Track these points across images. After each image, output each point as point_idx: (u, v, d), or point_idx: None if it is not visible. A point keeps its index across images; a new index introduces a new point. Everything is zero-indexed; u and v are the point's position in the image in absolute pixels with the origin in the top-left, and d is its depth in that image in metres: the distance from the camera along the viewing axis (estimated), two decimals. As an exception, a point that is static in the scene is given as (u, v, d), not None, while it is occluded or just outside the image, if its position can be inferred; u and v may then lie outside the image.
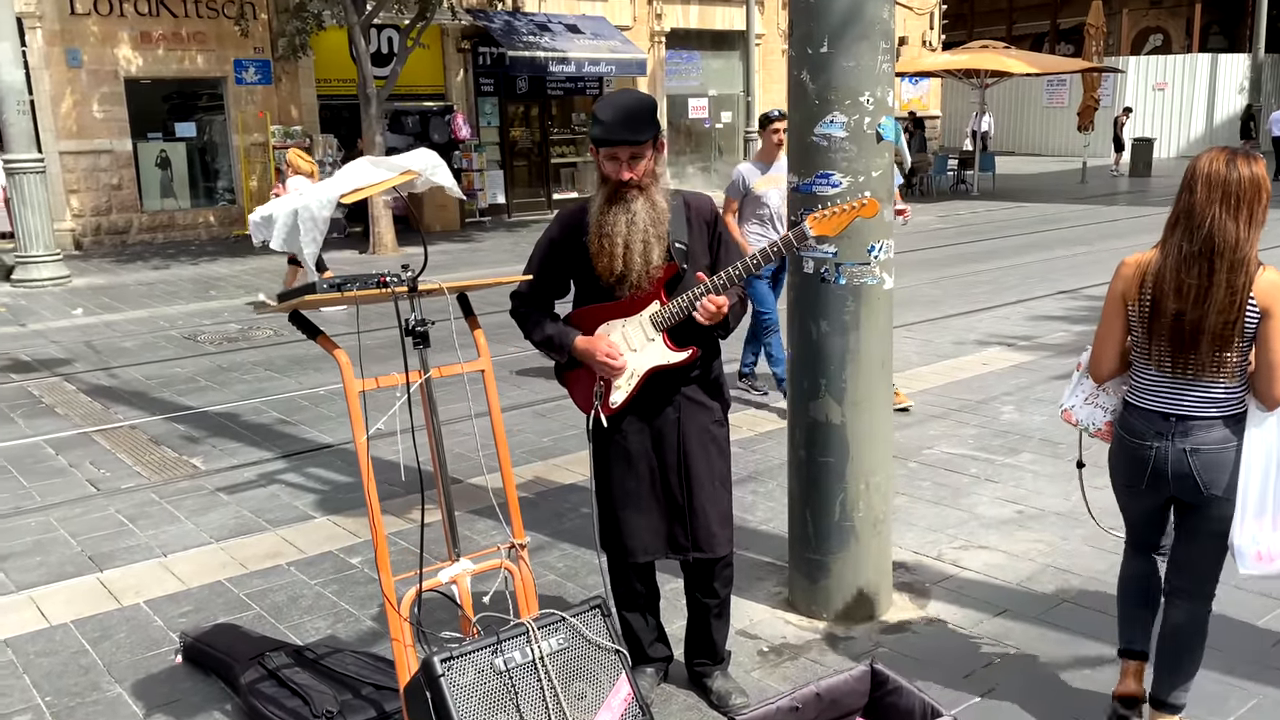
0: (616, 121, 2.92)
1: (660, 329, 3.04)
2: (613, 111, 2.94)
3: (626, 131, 2.92)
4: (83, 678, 3.68)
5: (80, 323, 10.80)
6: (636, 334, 3.06)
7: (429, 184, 2.69)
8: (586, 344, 3.07)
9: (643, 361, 3.06)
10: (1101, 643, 3.69)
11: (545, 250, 3.18)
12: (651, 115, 2.99)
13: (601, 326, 3.09)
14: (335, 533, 4.98)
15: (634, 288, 3.02)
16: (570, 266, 3.16)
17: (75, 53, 15.72)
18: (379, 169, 2.58)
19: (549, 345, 3.14)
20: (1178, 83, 30.96)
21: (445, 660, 2.41)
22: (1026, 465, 5.63)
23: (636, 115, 2.95)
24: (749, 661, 3.64)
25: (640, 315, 3.05)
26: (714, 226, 3.15)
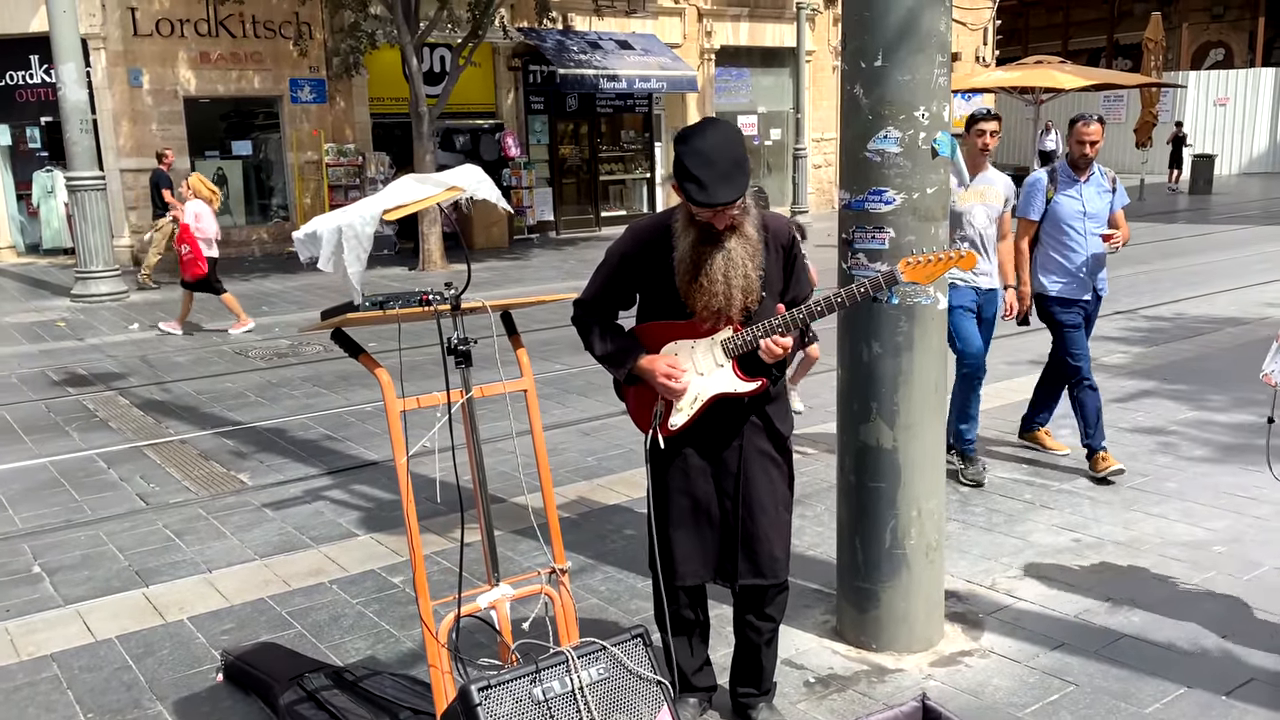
0: (716, 183, 2.73)
1: (731, 356, 2.96)
2: (708, 168, 2.73)
3: (728, 193, 2.75)
4: (125, 694, 3.67)
5: (135, 337, 10.98)
6: (706, 358, 2.98)
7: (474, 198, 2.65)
8: (649, 362, 2.99)
9: (709, 386, 2.98)
10: (1165, 680, 3.54)
11: (616, 264, 3.07)
12: (745, 160, 2.82)
13: (668, 345, 3.00)
14: (378, 551, 4.96)
15: (722, 318, 2.92)
16: (641, 282, 3.06)
17: (137, 73, 16.07)
18: (424, 185, 2.55)
19: (609, 360, 3.06)
20: (1240, 98, 30.31)
21: (483, 689, 2.35)
22: (1084, 492, 5.46)
23: (735, 169, 2.76)
24: (795, 693, 3.54)
25: (712, 339, 2.96)
26: (790, 250, 3.05)
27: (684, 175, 2.77)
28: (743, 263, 2.85)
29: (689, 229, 2.88)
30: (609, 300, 3.12)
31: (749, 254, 2.87)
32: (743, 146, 2.84)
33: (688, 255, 2.87)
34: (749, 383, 2.98)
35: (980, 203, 5.53)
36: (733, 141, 2.80)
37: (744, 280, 2.85)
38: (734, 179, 2.75)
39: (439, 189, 2.55)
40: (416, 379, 7.17)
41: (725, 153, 2.76)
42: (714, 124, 2.86)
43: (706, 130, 2.81)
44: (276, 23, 17.05)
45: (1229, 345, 8.92)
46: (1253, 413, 6.71)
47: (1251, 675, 3.56)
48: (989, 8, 26.18)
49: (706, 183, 2.73)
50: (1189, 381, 7.67)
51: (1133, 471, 5.69)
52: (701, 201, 2.75)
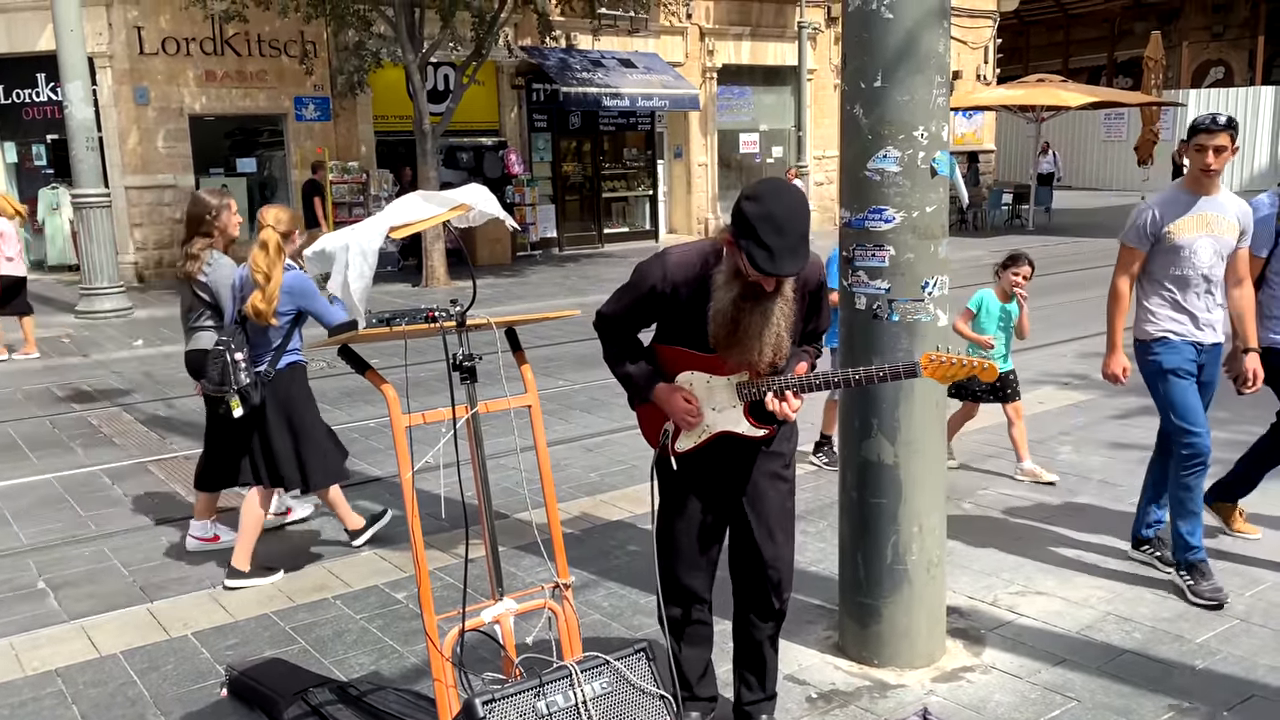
0: (786, 251, 2.69)
1: (744, 400, 2.99)
2: (779, 235, 2.68)
3: (793, 266, 2.74)
4: (129, 709, 3.69)
5: (140, 354, 11.02)
6: (719, 394, 3.01)
7: (482, 217, 2.69)
8: (666, 392, 3.01)
9: (718, 422, 3.02)
10: (1166, 695, 3.55)
11: (645, 294, 3.01)
12: (809, 230, 2.79)
13: (685, 374, 3.03)
14: (381, 566, 4.98)
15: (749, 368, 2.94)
16: (667, 315, 3.06)
17: (143, 91, 16.18)
18: (430, 204, 2.58)
19: (628, 383, 3.08)
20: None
21: (487, 702, 2.37)
22: (1086, 507, 5.47)
23: (802, 242, 2.74)
24: (797, 708, 3.55)
25: (729, 379, 2.99)
26: (817, 293, 3.07)
27: (753, 240, 2.70)
28: (778, 323, 2.86)
29: (733, 283, 2.84)
30: (631, 322, 3.12)
31: (785, 314, 2.88)
32: (809, 217, 2.81)
33: (728, 310, 2.84)
34: (757, 429, 3.03)
35: (1208, 234, 4.39)
36: (803, 212, 2.76)
37: (776, 339, 2.87)
38: (800, 252, 2.73)
39: (445, 207, 2.58)
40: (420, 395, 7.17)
41: (796, 225, 2.72)
42: (787, 190, 2.80)
43: (782, 196, 2.75)
44: (281, 42, 17.16)
45: (1230, 362, 8.92)
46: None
47: (1252, 692, 3.57)
48: (990, 26, 26.32)
49: (776, 253, 2.68)
50: (1190, 398, 7.66)
51: (1134, 488, 5.67)
52: (767, 271, 2.72)
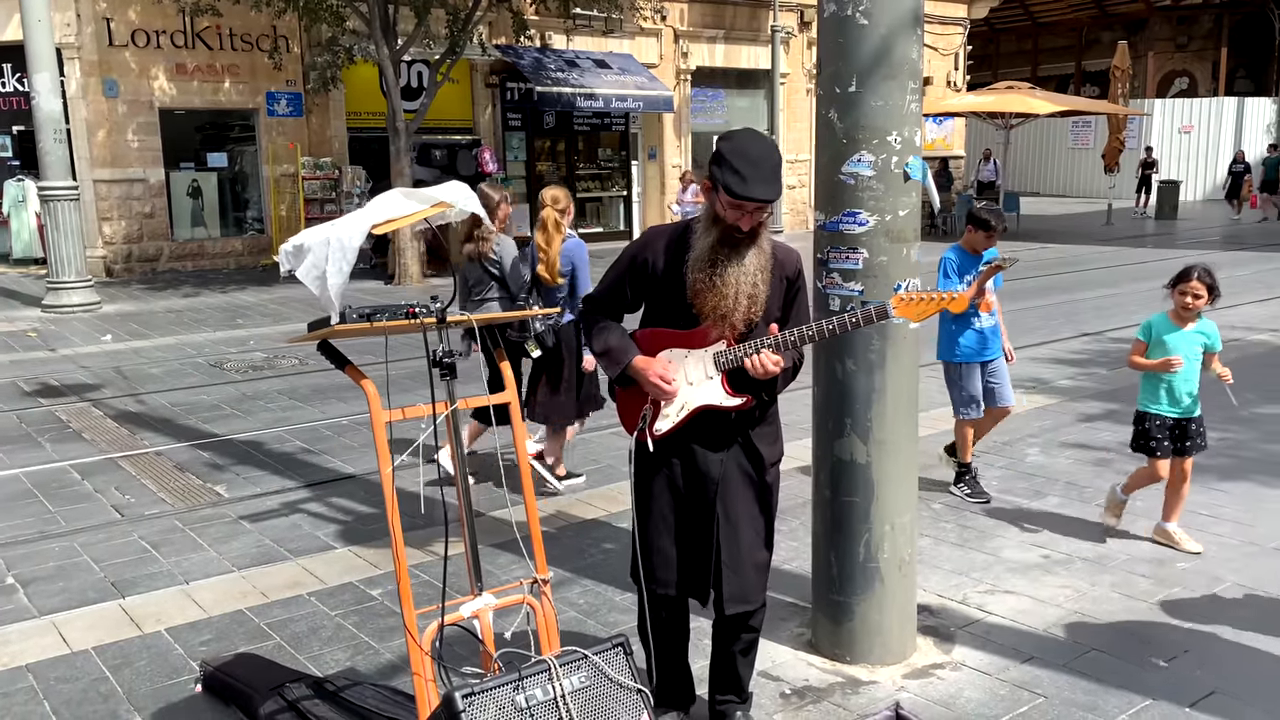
0: (758, 179, 2.84)
1: (721, 370, 3.03)
2: (752, 165, 2.84)
3: (767, 190, 2.86)
4: (102, 705, 3.68)
5: (109, 349, 10.90)
6: (697, 368, 3.04)
7: (461, 215, 2.71)
8: (643, 363, 3.05)
9: (696, 396, 3.05)
10: (1131, 692, 3.63)
11: (627, 266, 3.14)
12: (781, 169, 2.93)
13: (664, 353, 3.07)
14: (356, 564, 4.98)
15: (725, 324, 2.98)
16: (649, 286, 3.13)
17: (112, 83, 16.01)
18: (411, 200, 2.60)
19: (607, 357, 3.12)
20: (1203, 126, 30.88)
21: (466, 696, 2.40)
22: (1053, 509, 5.57)
23: (775, 171, 2.88)
24: (771, 704, 3.60)
25: (705, 351, 3.03)
26: (794, 282, 3.13)
27: (726, 168, 2.84)
28: (754, 272, 2.93)
29: (711, 229, 2.95)
30: (615, 300, 3.18)
31: (760, 266, 2.95)
32: (780, 157, 2.94)
33: (705, 254, 2.94)
34: (735, 398, 3.05)
35: None
36: (774, 151, 2.94)
37: (751, 289, 2.93)
38: (773, 182, 2.86)
39: (426, 204, 2.60)
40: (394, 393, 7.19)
41: (768, 158, 2.87)
42: (758, 134, 2.99)
43: (755, 136, 2.94)
44: (253, 36, 17.04)
45: (1193, 367, 9.08)
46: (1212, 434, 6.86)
47: (1214, 688, 3.66)
48: (960, 33, 26.58)
49: (748, 178, 2.81)
50: (1154, 402, 7.80)
51: (1099, 490, 5.80)
52: (740, 194, 2.82)
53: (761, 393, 3.10)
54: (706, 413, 3.08)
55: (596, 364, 3.23)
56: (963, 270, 5.64)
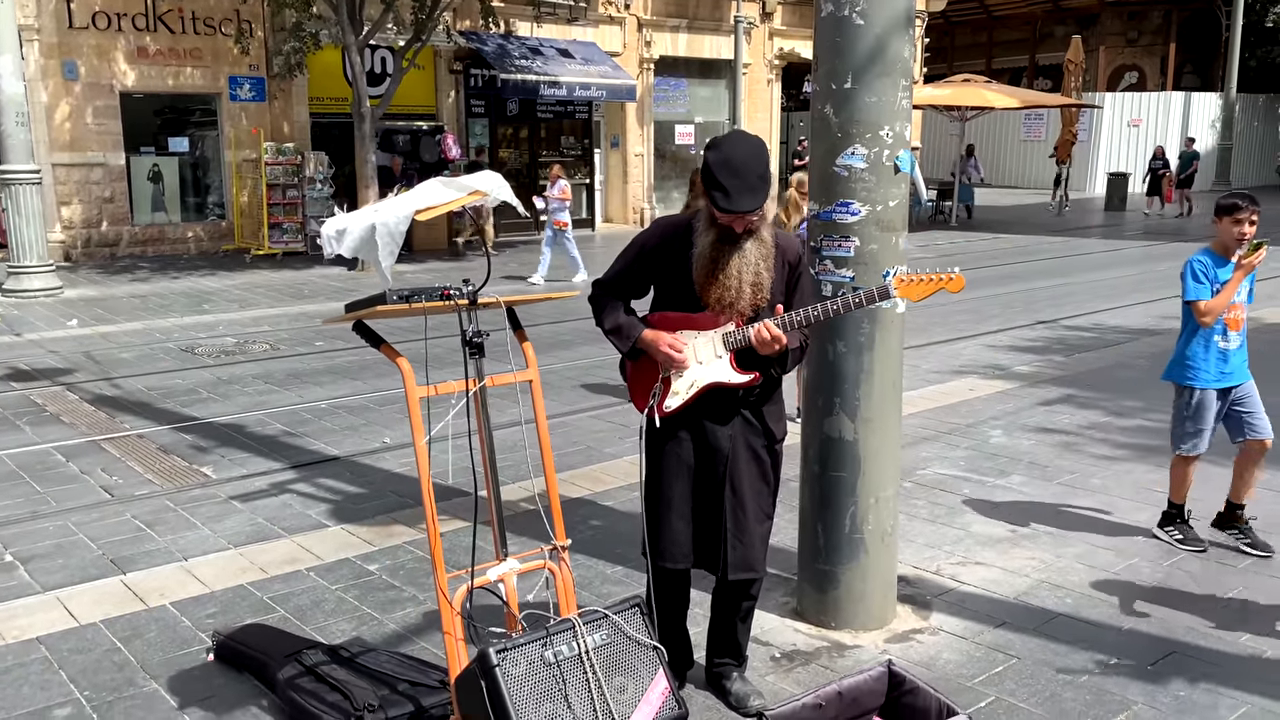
0: (741, 190, 2.99)
1: (730, 349, 3.20)
2: (735, 177, 2.99)
3: (751, 201, 3.02)
4: (118, 674, 3.79)
5: (76, 334, 10.84)
6: (706, 348, 3.22)
7: (495, 202, 2.87)
8: (653, 335, 3.22)
9: (705, 375, 3.22)
10: (1097, 652, 3.89)
11: (636, 254, 3.31)
12: (768, 174, 3.07)
13: (676, 333, 3.25)
14: (350, 541, 5.10)
15: (731, 311, 3.15)
16: (658, 274, 3.30)
17: (72, 65, 15.80)
18: (449, 189, 2.75)
19: (617, 333, 3.29)
20: (1152, 119, 31.64)
21: (500, 651, 2.57)
22: (1017, 486, 5.83)
23: (760, 180, 3.03)
24: (763, 667, 3.80)
25: (714, 332, 3.21)
26: (795, 268, 3.31)
27: (711, 183, 3.03)
28: (756, 262, 3.11)
29: (709, 229, 3.13)
30: (625, 285, 3.35)
31: (762, 255, 3.13)
32: (767, 161, 3.09)
33: (706, 252, 3.12)
34: (742, 375, 3.23)
35: None
36: (759, 156, 3.07)
37: (755, 277, 3.11)
38: (757, 191, 3.02)
39: (463, 192, 2.75)
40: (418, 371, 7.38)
41: (752, 166, 3.02)
42: (744, 138, 3.13)
43: (737, 143, 3.08)
44: (216, 20, 16.90)
45: (1143, 354, 9.46)
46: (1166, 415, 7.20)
47: (1172, 649, 3.93)
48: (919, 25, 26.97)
49: (732, 192, 2.99)
50: (1108, 388, 8.15)
51: (1060, 469, 6.10)
52: (725, 208, 3.02)
53: (769, 369, 3.28)
54: (714, 391, 3.26)
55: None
56: (1215, 275, 4.72)
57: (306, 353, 9.88)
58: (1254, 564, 4.73)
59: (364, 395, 8.13)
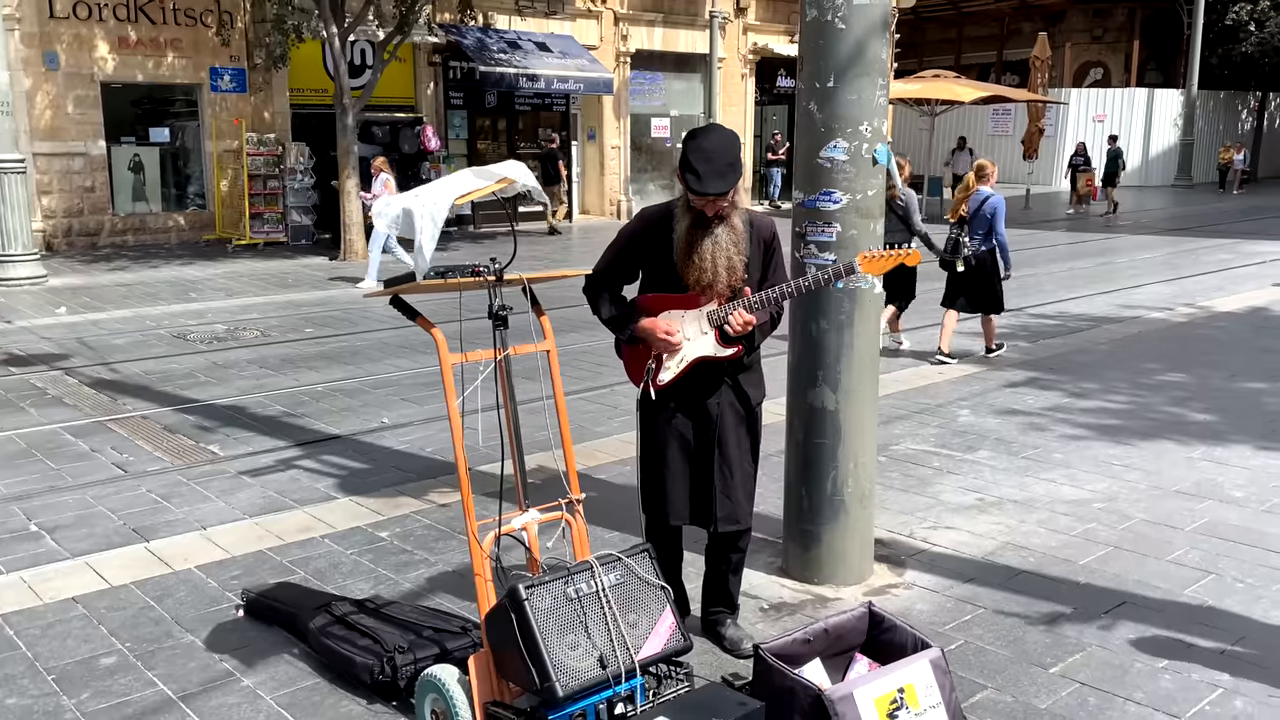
0: (711, 175, 3.31)
1: (714, 325, 3.54)
2: (706, 162, 3.32)
3: (719, 184, 3.34)
4: (155, 628, 4.07)
5: (66, 321, 11.03)
6: (692, 326, 3.55)
7: (523, 189, 3.17)
8: (649, 324, 3.55)
9: (692, 350, 3.57)
10: (1055, 603, 4.26)
11: (624, 242, 3.66)
12: (738, 159, 3.40)
13: (663, 314, 3.58)
14: (359, 511, 5.39)
15: (711, 291, 3.47)
16: (644, 259, 3.63)
17: (53, 55, 15.89)
18: (480, 177, 3.06)
19: (614, 323, 3.64)
20: (1116, 115, 32.31)
21: (529, 587, 2.89)
22: (984, 461, 6.21)
23: (729, 167, 3.35)
24: (753, 617, 4.15)
25: (699, 310, 3.55)
26: (770, 244, 3.64)
27: (685, 167, 3.36)
28: (728, 247, 3.44)
29: (686, 214, 3.48)
30: (616, 273, 3.69)
31: (734, 240, 3.45)
32: (738, 150, 3.43)
33: (683, 236, 3.47)
34: (726, 349, 3.57)
35: None
36: (730, 145, 3.42)
37: (728, 261, 3.44)
38: (726, 176, 3.36)
39: (493, 180, 3.06)
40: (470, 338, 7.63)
41: (723, 154, 3.36)
42: (718, 129, 3.48)
43: (711, 132, 3.43)
44: (197, 11, 17.02)
45: (1104, 340, 9.92)
46: (1124, 397, 7.64)
47: (1124, 599, 4.31)
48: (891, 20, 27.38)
49: (703, 175, 3.33)
50: (1070, 371, 8.57)
51: (1025, 445, 6.49)
52: (696, 190, 3.36)
53: (749, 342, 3.63)
54: (702, 363, 3.60)
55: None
56: None
57: (298, 339, 10.12)
58: (1201, 527, 5.13)
59: (358, 379, 8.40)
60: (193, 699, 3.54)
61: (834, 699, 2.96)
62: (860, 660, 3.44)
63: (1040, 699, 3.55)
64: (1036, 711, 3.48)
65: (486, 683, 3.02)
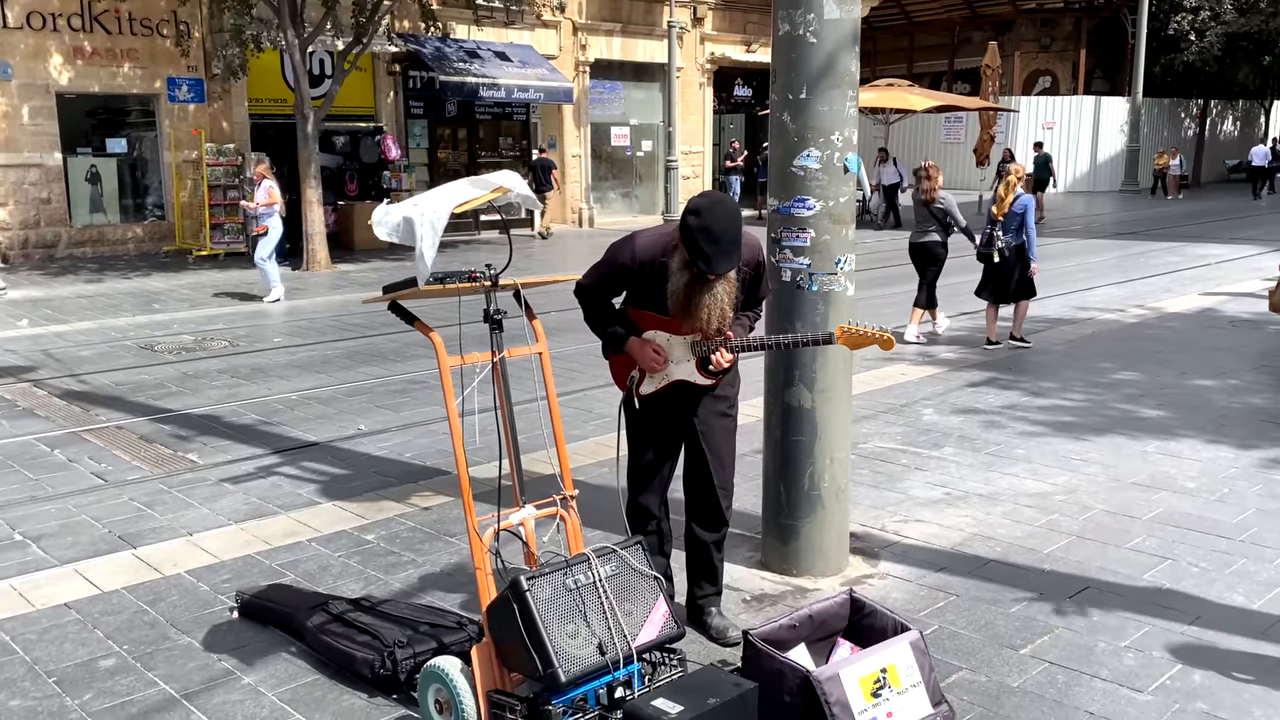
0: (719, 256, 3.40)
1: (696, 355, 3.73)
2: (714, 244, 3.39)
3: (728, 264, 3.46)
4: (150, 630, 4.14)
5: (29, 333, 10.95)
6: (676, 349, 3.74)
7: (518, 198, 3.30)
8: (639, 344, 3.72)
9: (675, 372, 3.77)
10: (1023, 589, 4.47)
11: (615, 271, 3.73)
12: (741, 234, 3.47)
13: (650, 332, 3.75)
14: (343, 515, 5.47)
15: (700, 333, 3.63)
16: (634, 288, 3.77)
17: (6, 66, 15.72)
18: (476, 187, 3.17)
19: (607, 340, 3.82)
20: (1065, 122, 33.05)
21: (530, 579, 3.02)
22: (949, 457, 6.43)
23: (734, 244, 3.44)
24: (736, 608, 4.30)
25: (685, 338, 3.72)
26: (756, 269, 3.79)
27: (694, 249, 3.42)
28: (723, 299, 3.56)
29: (684, 271, 3.54)
30: (605, 291, 3.83)
31: (728, 291, 3.58)
32: (741, 225, 3.50)
33: (681, 292, 3.55)
34: (705, 379, 3.79)
35: None
36: (735, 221, 3.47)
37: (721, 311, 3.57)
38: (733, 255, 3.47)
39: (489, 189, 3.18)
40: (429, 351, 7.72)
41: (728, 232, 3.44)
42: (721, 204, 3.51)
43: (715, 210, 3.44)
44: (154, 21, 16.93)
45: (1059, 341, 10.22)
46: (1080, 395, 7.91)
47: (1087, 584, 4.53)
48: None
49: (712, 258, 3.42)
50: (1028, 371, 8.85)
51: (988, 441, 6.72)
52: (707, 271, 3.46)
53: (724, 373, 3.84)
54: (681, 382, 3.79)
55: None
56: None
57: (266, 348, 10.14)
58: (1157, 516, 5.36)
59: (331, 387, 8.46)
60: (195, 697, 3.62)
61: (821, 679, 3.12)
62: (843, 644, 3.60)
63: (1012, 678, 3.74)
64: (1009, 689, 3.66)
65: (489, 672, 3.14)
